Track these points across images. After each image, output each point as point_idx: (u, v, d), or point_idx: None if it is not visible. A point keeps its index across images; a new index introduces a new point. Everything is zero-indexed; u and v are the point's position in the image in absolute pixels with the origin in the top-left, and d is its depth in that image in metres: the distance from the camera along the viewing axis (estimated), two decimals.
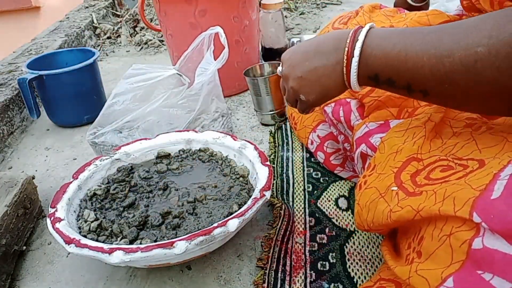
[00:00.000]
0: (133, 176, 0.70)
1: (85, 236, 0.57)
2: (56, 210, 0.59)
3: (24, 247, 0.67)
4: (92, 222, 0.60)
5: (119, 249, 0.50)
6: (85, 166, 0.70)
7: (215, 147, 0.75)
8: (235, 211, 0.58)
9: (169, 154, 0.76)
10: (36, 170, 0.91)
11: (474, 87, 0.36)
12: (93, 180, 0.69)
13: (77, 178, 0.67)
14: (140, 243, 0.56)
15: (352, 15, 0.79)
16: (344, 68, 0.46)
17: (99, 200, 0.65)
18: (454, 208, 0.34)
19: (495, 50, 0.34)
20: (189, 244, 0.49)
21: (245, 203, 0.60)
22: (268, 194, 0.58)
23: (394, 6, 0.98)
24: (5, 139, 1.02)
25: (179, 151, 0.76)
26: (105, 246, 0.51)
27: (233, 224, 0.52)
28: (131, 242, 0.57)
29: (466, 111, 0.40)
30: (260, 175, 0.63)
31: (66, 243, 0.52)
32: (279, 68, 0.58)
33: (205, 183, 0.68)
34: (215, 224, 0.52)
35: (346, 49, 0.45)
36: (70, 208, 0.62)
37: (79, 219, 0.62)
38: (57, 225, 0.56)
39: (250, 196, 0.61)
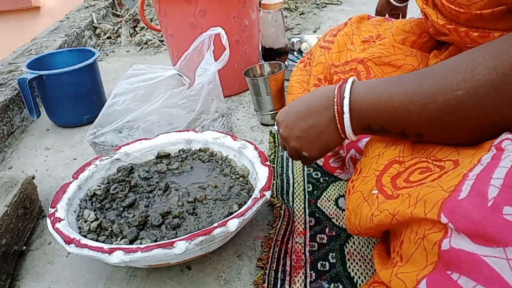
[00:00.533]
0: (133, 176, 0.70)
1: (85, 236, 0.57)
2: (56, 210, 0.59)
3: (24, 247, 0.67)
4: (92, 222, 0.60)
5: (119, 249, 0.50)
6: (85, 166, 0.70)
7: (215, 147, 0.75)
8: (235, 211, 0.58)
9: (169, 154, 0.76)
10: (36, 170, 0.91)
11: (464, 125, 0.39)
12: (93, 180, 0.69)
13: (77, 178, 0.67)
14: (140, 243, 0.56)
15: (341, 27, 0.80)
16: (338, 124, 0.49)
17: (99, 200, 0.65)
18: (424, 211, 0.34)
19: (474, 92, 0.36)
20: (189, 244, 0.50)
21: (245, 203, 0.60)
22: (268, 194, 0.58)
23: (376, 11, 1.00)
24: (5, 139, 1.02)
25: (179, 151, 0.76)
26: (105, 246, 0.51)
27: (233, 224, 0.52)
28: (131, 242, 0.57)
29: (465, 142, 0.41)
30: (260, 175, 0.63)
31: (66, 243, 0.52)
32: (275, 128, 0.60)
33: (205, 183, 0.68)
34: (215, 224, 0.52)
35: (336, 107, 0.48)
36: (70, 208, 0.62)
37: (79, 219, 0.62)
38: (57, 225, 0.56)
39: (250, 196, 0.62)
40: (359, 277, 0.56)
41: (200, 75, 0.84)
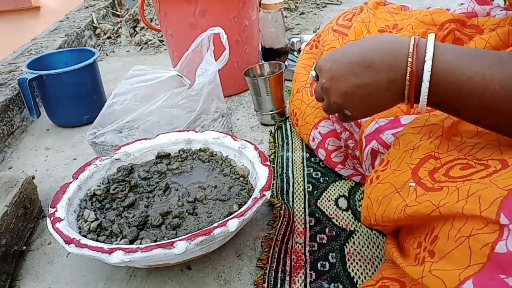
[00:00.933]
0: (133, 176, 0.70)
1: (85, 236, 0.57)
2: (56, 210, 0.59)
3: (24, 247, 0.67)
4: (92, 222, 0.60)
5: (119, 249, 0.50)
6: (85, 166, 0.70)
7: (215, 147, 0.75)
8: (235, 211, 0.58)
9: (169, 154, 0.76)
10: (36, 170, 0.91)
11: None
12: (93, 180, 0.69)
13: (77, 178, 0.67)
14: (140, 243, 0.56)
15: (357, 12, 0.77)
16: (406, 91, 0.41)
17: (99, 200, 0.65)
18: (480, 207, 0.32)
19: None
20: (189, 244, 0.50)
21: (245, 203, 0.60)
22: (268, 194, 0.58)
23: None
24: (5, 139, 1.02)
25: (179, 151, 0.76)
26: (105, 246, 0.51)
27: (233, 224, 0.52)
28: (131, 242, 0.57)
29: None
30: (260, 175, 0.63)
31: (66, 243, 0.52)
32: (312, 73, 0.52)
33: (205, 183, 0.68)
34: (215, 224, 0.52)
35: (409, 69, 0.40)
36: (70, 208, 0.62)
37: (79, 219, 0.62)
38: (57, 225, 0.56)
39: (250, 196, 0.61)
40: (359, 277, 0.56)
41: (201, 75, 0.84)
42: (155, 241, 0.56)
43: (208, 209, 0.62)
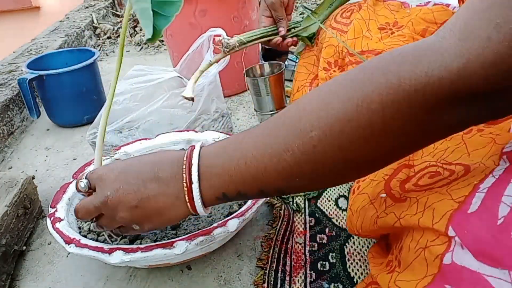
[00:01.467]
0: None
1: (85, 236, 0.57)
2: (56, 210, 0.59)
3: (24, 247, 0.67)
4: (92, 222, 0.60)
5: (119, 249, 0.50)
6: (85, 166, 0.70)
7: None
8: (235, 211, 0.58)
9: None
10: (36, 170, 0.91)
11: (324, 170, 0.35)
12: None
13: (77, 178, 0.67)
14: (140, 243, 0.56)
15: (355, 9, 0.76)
16: (186, 196, 0.41)
17: None
18: (432, 220, 0.33)
19: (329, 130, 0.32)
20: (189, 244, 0.50)
21: (245, 203, 0.60)
22: None
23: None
24: (5, 139, 1.02)
25: (179, 151, 0.76)
26: (105, 246, 0.51)
27: (233, 224, 0.52)
28: (131, 242, 0.57)
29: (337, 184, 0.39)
30: None
31: (66, 243, 0.52)
32: (82, 183, 0.48)
33: None
34: (215, 224, 0.52)
35: (185, 175, 0.41)
36: (70, 208, 0.62)
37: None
38: (57, 225, 0.56)
39: None
40: (359, 277, 0.56)
41: (201, 76, 0.83)
42: (155, 241, 0.56)
43: None
